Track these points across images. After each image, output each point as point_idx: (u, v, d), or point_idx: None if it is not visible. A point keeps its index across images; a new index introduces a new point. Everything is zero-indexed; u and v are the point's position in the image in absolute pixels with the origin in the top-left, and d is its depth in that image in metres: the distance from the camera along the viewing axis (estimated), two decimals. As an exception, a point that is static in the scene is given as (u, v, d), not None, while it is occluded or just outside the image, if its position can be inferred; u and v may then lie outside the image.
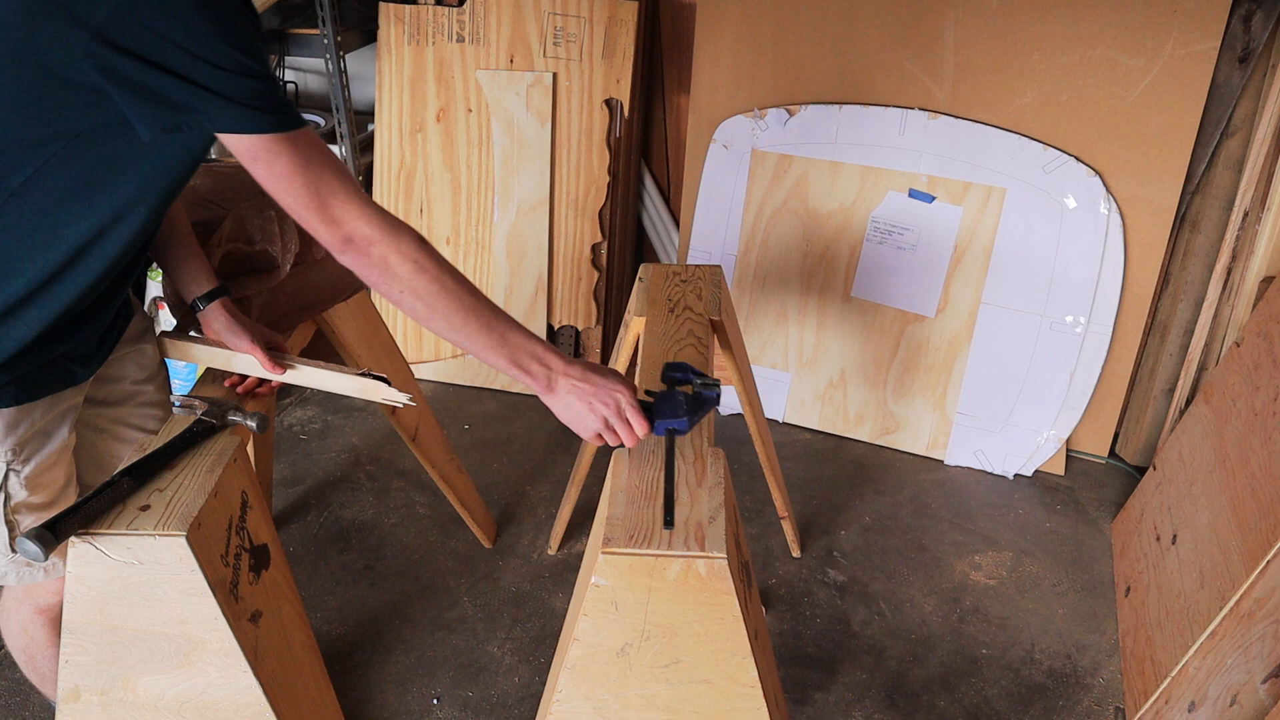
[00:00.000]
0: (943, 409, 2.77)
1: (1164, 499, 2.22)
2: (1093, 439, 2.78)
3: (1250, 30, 2.28)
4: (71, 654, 1.34)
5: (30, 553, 1.17)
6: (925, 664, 2.11)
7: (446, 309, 1.24)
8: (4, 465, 1.34)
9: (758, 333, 2.91)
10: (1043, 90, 2.47)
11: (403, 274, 1.20)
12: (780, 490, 2.28)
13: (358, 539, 2.45)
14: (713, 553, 1.17)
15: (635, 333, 1.92)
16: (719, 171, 2.84)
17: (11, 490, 1.36)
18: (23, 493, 1.37)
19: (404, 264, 1.20)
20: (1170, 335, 2.60)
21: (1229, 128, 2.38)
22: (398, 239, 1.20)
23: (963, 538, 2.50)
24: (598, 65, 2.77)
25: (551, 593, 2.29)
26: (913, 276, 2.70)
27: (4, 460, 1.34)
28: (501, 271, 2.97)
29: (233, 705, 1.39)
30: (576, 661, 1.24)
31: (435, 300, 1.23)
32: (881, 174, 2.66)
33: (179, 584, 1.28)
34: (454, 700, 2.00)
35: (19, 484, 1.37)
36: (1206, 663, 1.71)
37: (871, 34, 2.59)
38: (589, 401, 1.32)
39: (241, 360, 1.53)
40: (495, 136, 2.86)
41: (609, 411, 1.32)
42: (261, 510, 1.46)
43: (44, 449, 1.38)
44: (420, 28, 2.82)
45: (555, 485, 2.66)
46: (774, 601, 2.27)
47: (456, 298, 1.25)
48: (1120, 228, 2.49)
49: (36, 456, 1.37)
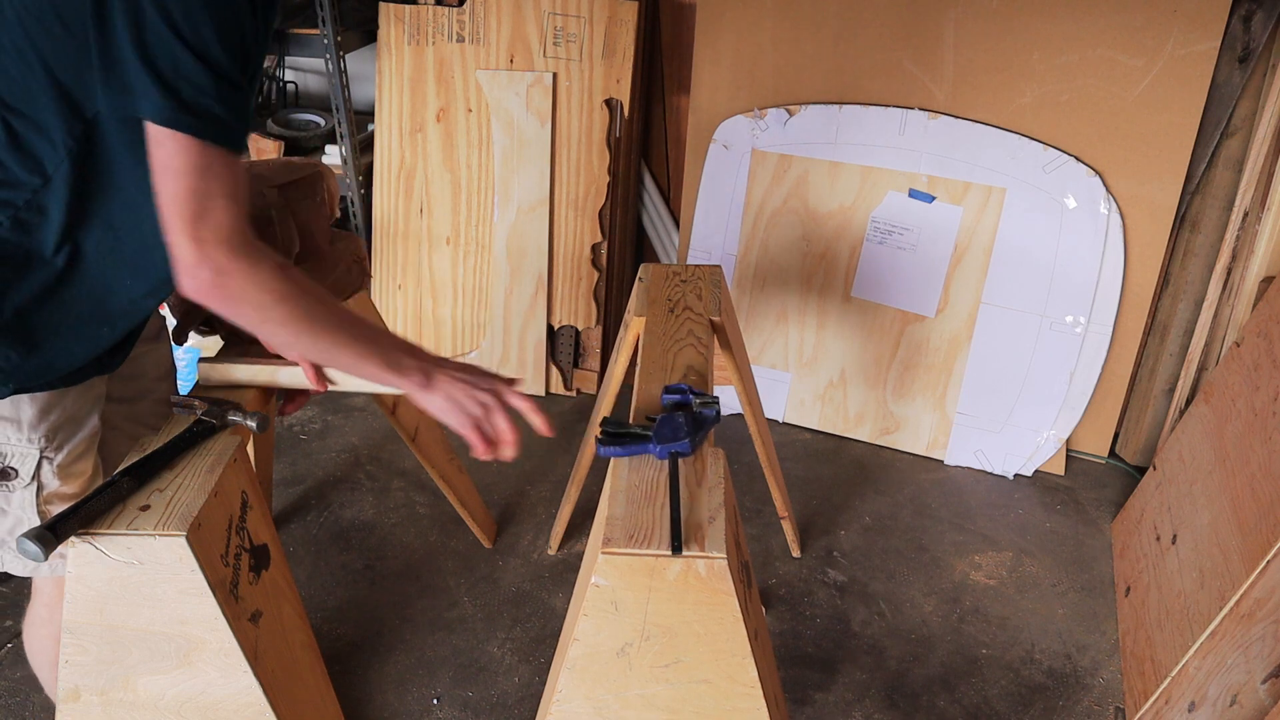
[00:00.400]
0: (943, 409, 2.77)
1: (1164, 499, 2.22)
2: (1093, 439, 2.78)
3: (1250, 30, 2.28)
4: (71, 654, 1.34)
5: (31, 553, 1.17)
6: (925, 664, 2.11)
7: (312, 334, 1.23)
8: (37, 453, 1.33)
9: (758, 333, 2.91)
10: (1043, 90, 2.47)
11: (262, 304, 1.18)
12: (780, 490, 2.28)
13: (358, 539, 2.45)
14: (713, 553, 1.17)
15: (635, 333, 1.92)
16: (719, 171, 2.84)
17: (45, 480, 1.35)
18: (55, 482, 1.37)
19: (262, 294, 1.17)
20: (1170, 335, 2.60)
21: (1229, 128, 2.38)
22: (257, 270, 1.16)
23: (963, 538, 2.50)
24: (598, 65, 2.77)
25: (551, 593, 2.29)
26: (913, 276, 2.70)
27: (37, 448, 1.33)
28: (501, 271, 2.97)
29: (233, 705, 1.39)
30: (576, 661, 1.24)
31: (298, 327, 1.22)
32: (881, 174, 2.66)
33: (179, 584, 1.28)
34: (454, 700, 2.00)
35: (51, 472, 1.36)
36: (1206, 663, 1.71)
37: (871, 34, 2.59)
38: (469, 389, 1.32)
39: (287, 374, 1.51)
40: (495, 136, 2.87)
41: (489, 399, 1.32)
42: (261, 510, 1.46)
43: (75, 436, 1.37)
44: (420, 28, 2.82)
45: (555, 485, 2.66)
46: (774, 601, 2.27)
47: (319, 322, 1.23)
48: (1120, 228, 2.49)
49: (69, 444, 1.36)
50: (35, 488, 1.35)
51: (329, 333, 1.25)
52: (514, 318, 3.01)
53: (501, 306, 3.00)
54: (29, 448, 1.32)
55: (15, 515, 1.37)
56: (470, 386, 1.32)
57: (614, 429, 1.40)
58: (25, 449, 1.32)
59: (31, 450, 1.32)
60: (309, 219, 1.72)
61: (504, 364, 3.05)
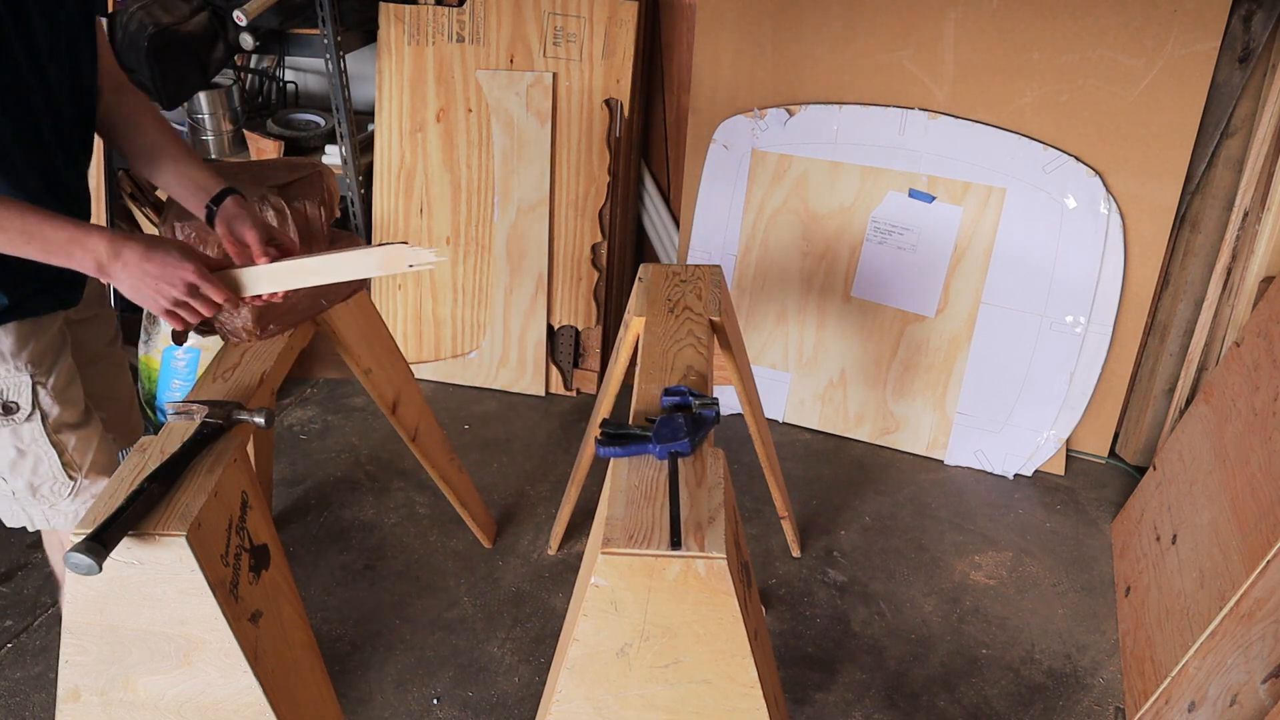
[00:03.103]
0: (943, 409, 2.77)
1: (1164, 499, 2.22)
2: (1093, 439, 2.78)
3: (1250, 30, 2.28)
4: (71, 654, 1.34)
5: (85, 566, 1.17)
6: (925, 664, 2.11)
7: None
8: (29, 379, 1.38)
9: (758, 333, 2.91)
10: (1043, 90, 2.47)
11: None
12: (780, 490, 2.28)
13: (358, 539, 2.45)
14: (712, 553, 1.17)
15: (635, 333, 1.91)
16: (719, 171, 2.84)
17: (45, 406, 1.41)
18: (55, 408, 1.42)
19: None
20: (1170, 335, 2.60)
21: (1229, 128, 2.38)
22: None
23: (963, 538, 2.50)
24: (598, 65, 2.77)
25: (551, 593, 2.29)
26: (913, 276, 2.70)
27: (28, 374, 1.38)
28: (501, 271, 2.97)
29: (233, 705, 1.39)
30: (576, 662, 1.24)
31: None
32: (881, 174, 2.66)
33: (179, 584, 1.28)
34: (454, 700, 2.00)
35: (49, 397, 1.41)
36: (1206, 663, 1.71)
37: (871, 34, 2.59)
38: (154, 284, 1.29)
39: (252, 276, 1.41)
40: (495, 136, 2.87)
41: (177, 292, 1.30)
42: (261, 510, 1.46)
43: (59, 361, 1.43)
44: (420, 28, 2.82)
45: (555, 485, 2.66)
46: (774, 601, 2.27)
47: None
48: (1120, 228, 2.49)
49: (55, 368, 1.42)
50: (39, 416, 1.40)
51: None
52: (514, 318, 3.01)
53: (501, 306, 3.00)
54: (19, 375, 1.38)
55: (33, 454, 1.43)
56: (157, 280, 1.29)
57: (614, 429, 1.40)
58: (17, 378, 1.38)
59: (23, 378, 1.38)
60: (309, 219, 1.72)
61: (504, 364, 3.05)
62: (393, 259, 1.36)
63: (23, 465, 1.44)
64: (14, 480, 1.47)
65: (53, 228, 1.25)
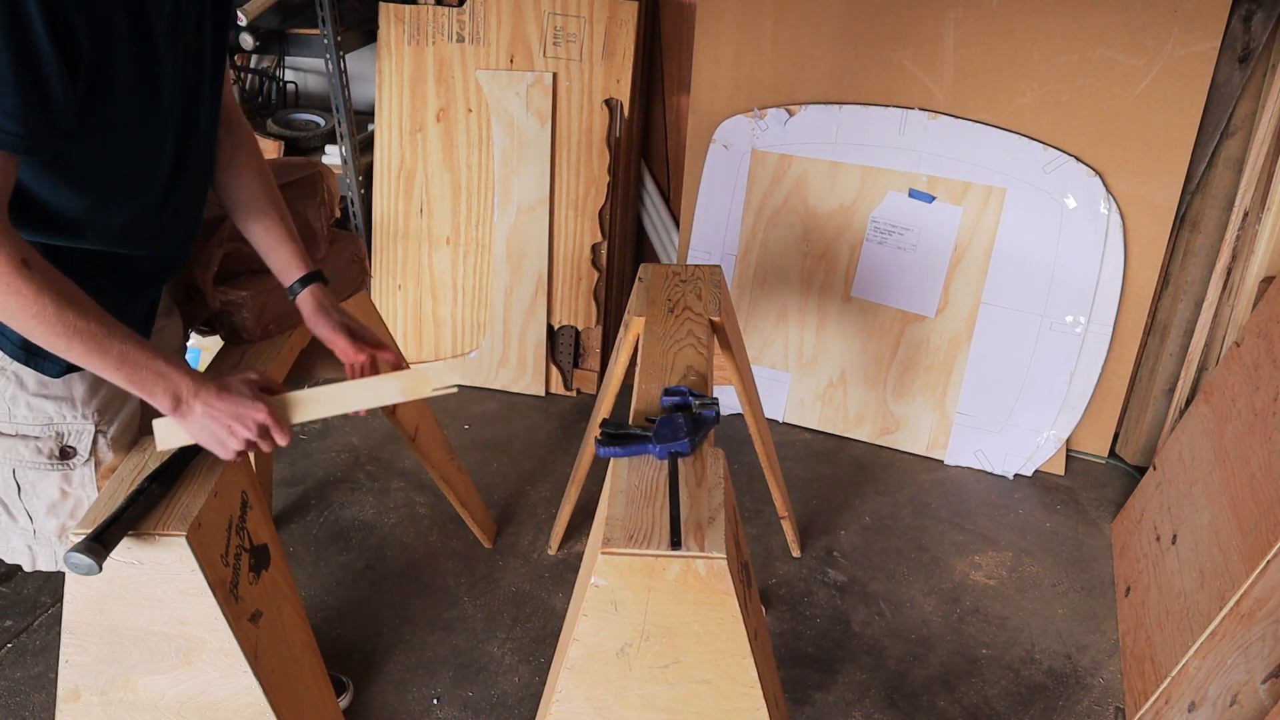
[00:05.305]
0: (943, 409, 2.77)
1: (1164, 499, 2.22)
2: (1093, 439, 2.78)
3: (1250, 30, 2.28)
4: (71, 654, 1.34)
5: (85, 566, 1.17)
6: (925, 664, 2.11)
7: (45, 333, 1.16)
8: (92, 428, 1.36)
9: (758, 333, 2.91)
10: (1043, 90, 2.47)
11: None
12: (780, 490, 2.28)
13: (358, 539, 2.45)
14: (712, 553, 1.17)
15: (635, 333, 1.92)
16: (719, 171, 2.84)
17: (100, 454, 1.39)
18: (110, 455, 1.40)
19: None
20: (1170, 335, 2.60)
21: (1229, 128, 2.38)
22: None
23: (963, 538, 2.50)
24: (598, 65, 2.77)
25: (551, 593, 2.29)
26: (913, 276, 2.70)
27: (92, 423, 1.36)
28: (501, 271, 2.97)
29: (233, 705, 1.39)
30: (576, 662, 1.24)
31: (31, 325, 1.15)
32: (881, 174, 2.66)
33: (179, 584, 1.28)
34: (454, 700, 2.00)
35: (106, 446, 1.39)
36: (1206, 663, 1.71)
37: (871, 34, 2.59)
38: (228, 425, 1.29)
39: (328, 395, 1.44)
40: (495, 137, 2.86)
41: (250, 433, 1.30)
42: (261, 510, 1.46)
43: (124, 408, 1.41)
44: (420, 28, 2.82)
45: (555, 485, 2.66)
46: (774, 601, 2.27)
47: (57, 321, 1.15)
48: (1120, 228, 2.49)
49: (119, 416, 1.40)
50: (93, 464, 1.38)
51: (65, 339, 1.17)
52: (514, 318, 3.01)
53: (501, 306, 3.00)
54: (84, 424, 1.36)
55: (75, 496, 1.41)
56: (230, 421, 1.29)
57: (614, 429, 1.40)
58: (81, 425, 1.36)
59: (87, 426, 1.36)
60: (309, 219, 1.72)
61: (504, 364, 3.05)
62: (418, 386, 1.46)
63: (62, 508, 1.41)
64: (47, 522, 1.43)
65: (146, 357, 1.23)
